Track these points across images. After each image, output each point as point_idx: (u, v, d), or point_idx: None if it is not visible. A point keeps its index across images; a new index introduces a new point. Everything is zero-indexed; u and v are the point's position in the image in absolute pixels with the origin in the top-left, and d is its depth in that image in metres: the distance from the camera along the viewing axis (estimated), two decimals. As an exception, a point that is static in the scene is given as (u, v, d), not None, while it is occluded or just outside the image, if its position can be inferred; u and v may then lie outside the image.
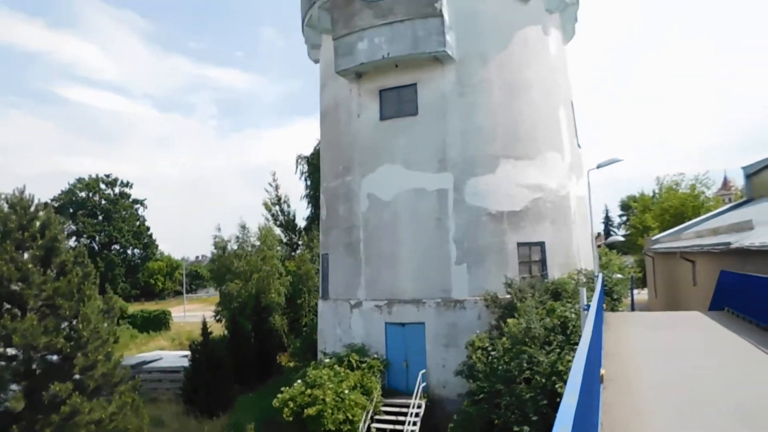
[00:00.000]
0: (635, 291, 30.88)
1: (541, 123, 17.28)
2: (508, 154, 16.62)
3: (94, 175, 77.31)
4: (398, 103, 17.29)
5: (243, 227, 31.21)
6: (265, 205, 37.14)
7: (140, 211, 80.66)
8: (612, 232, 74.84)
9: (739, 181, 45.24)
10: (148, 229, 79.77)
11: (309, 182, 36.14)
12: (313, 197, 34.55)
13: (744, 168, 27.68)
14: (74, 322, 12.97)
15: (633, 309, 23.23)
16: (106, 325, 14.85)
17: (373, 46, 16.67)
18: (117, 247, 76.16)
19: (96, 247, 74.40)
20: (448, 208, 16.30)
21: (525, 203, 16.53)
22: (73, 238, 75.77)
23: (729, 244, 14.11)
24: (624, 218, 68.33)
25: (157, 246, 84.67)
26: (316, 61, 21.41)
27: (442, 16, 15.98)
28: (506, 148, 16.63)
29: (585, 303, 7.81)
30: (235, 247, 30.73)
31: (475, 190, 16.29)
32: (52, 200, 74.40)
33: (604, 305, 15.00)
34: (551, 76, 18.06)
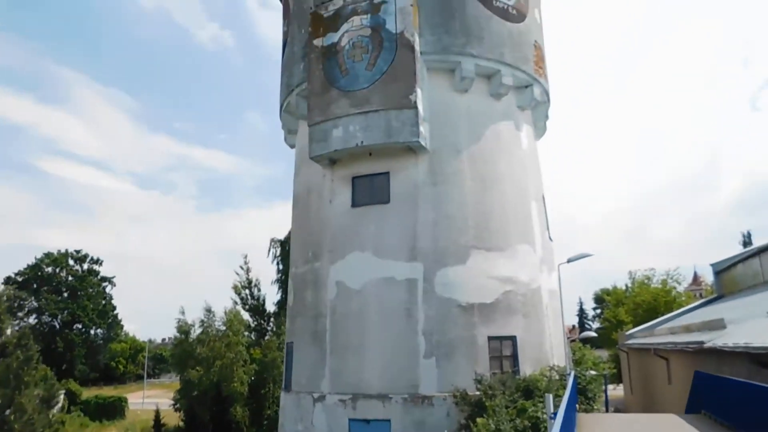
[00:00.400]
0: (611, 386, 30.15)
1: (512, 215, 17.32)
2: (479, 245, 16.48)
3: (63, 250, 75.29)
4: (371, 190, 17.26)
5: (208, 311, 30.24)
6: (235, 288, 36.24)
7: (108, 289, 78.14)
8: (587, 325, 74.44)
9: (708, 277, 45.83)
10: (114, 308, 77.13)
11: (281, 266, 35.57)
12: (284, 282, 33.85)
13: (713, 265, 28.00)
14: (7, 412, 11.91)
15: (607, 407, 22.48)
16: (52, 413, 13.74)
17: (347, 134, 16.82)
18: (80, 326, 73.07)
19: (57, 326, 71.45)
20: (418, 299, 15.87)
21: (496, 296, 16.20)
22: (34, 316, 72.93)
23: (702, 343, 13.82)
24: (598, 311, 68.24)
25: (122, 326, 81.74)
26: (292, 146, 21.57)
27: (416, 108, 16.29)
28: (477, 239, 16.51)
29: (552, 411, 7.32)
30: (200, 331, 29.55)
31: (446, 281, 15.97)
32: (15, 274, 72.05)
33: (578, 405, 14.39)
34: (523, 170, 18.33)
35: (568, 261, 14.63)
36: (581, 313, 78.35)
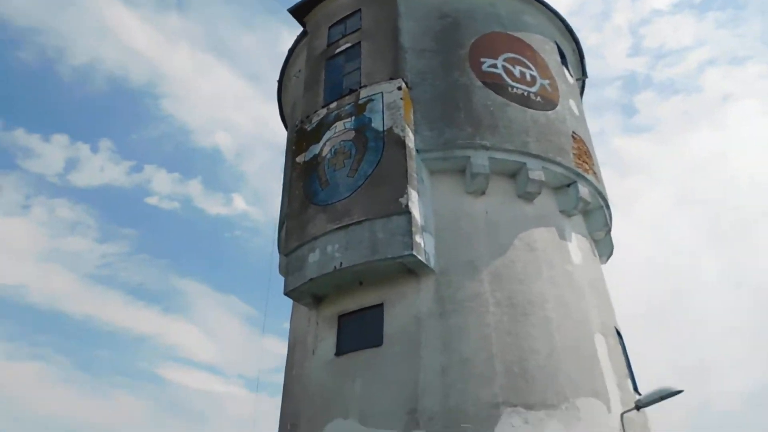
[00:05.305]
0: None
1: (564, 354, 11.69)
2: (515, 400, 10.85)
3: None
4: (359, 331, 12.60)
5: None
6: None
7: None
8: None
9: None
10: None
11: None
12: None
13: None
14: None
15: None
16: None
17: (325, 257, 12.80)
18: None
19: None
20: (421, 491, 10.16)
21: (548, 483, 10.12)
22: None
23: None
24: None
25: None
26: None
27: (409, 212, 12.19)
28: (510, 391, 10.94)
29: None
30: None
31: (464, 460, 10.26)
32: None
33: None
34: (576, 293, 13.00)
35: (639, 407, 8.79)
36: None
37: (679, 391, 9.06)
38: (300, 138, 15.49)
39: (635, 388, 12.77)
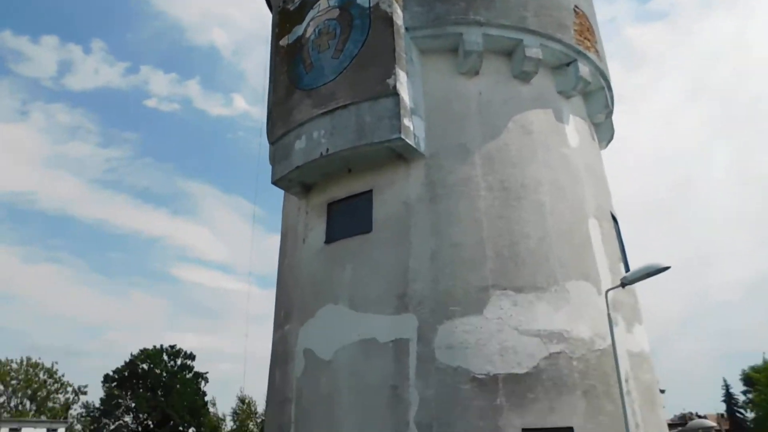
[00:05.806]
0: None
1: (556, 238, 11.49)
2: (504, 283, 10.78)
3: (158, 346, 75.13)
4: (348, 218, 12.37)
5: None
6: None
7: (202, 386, 76.61)
8: (738, 413, 60.94)
9: None
10: (205, 404, 74.87)
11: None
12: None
13: None
14: None
15: None
16: None
17: (311, 143, 12.32)
18: (171, 424, 71.35)
19: (151, 424, 70.29)
20: (410, 371, 10.31)
21: (535, 362, 10.22)
22: (131, 415, 73.00)
23: None
24: (750, 396, 55.60)
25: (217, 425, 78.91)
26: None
27: (397, 95, 11.53)
28: (500, 275, 10.85)
29: None
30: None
31: (452, 341, 10.34)
32: (113, 372, 72.50)
33: None
34: (571, 176, 12.59)
35: (624, 284, 8.68)
36: (729, 399, 64.51)
37: (666, 268, 8.88)
38: (283, 19, 14.50)
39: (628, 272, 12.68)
